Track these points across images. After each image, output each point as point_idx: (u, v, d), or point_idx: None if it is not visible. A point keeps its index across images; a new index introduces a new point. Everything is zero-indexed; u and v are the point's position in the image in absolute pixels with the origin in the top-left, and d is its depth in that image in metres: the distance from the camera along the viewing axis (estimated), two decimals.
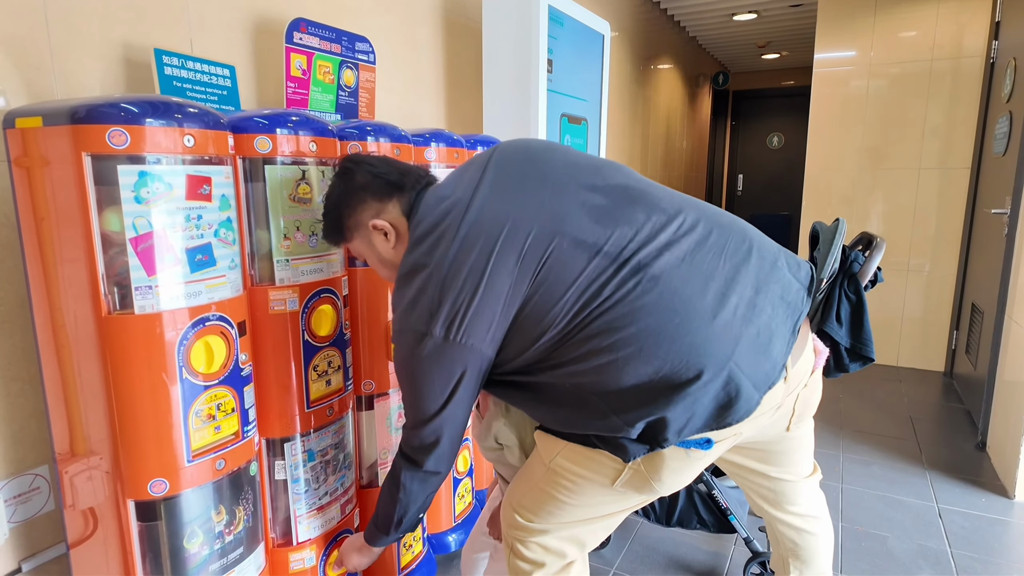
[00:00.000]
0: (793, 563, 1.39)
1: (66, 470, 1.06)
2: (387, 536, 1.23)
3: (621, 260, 0.98)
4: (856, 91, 3.70)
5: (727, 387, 0.96)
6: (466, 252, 0.99)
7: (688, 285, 0.97)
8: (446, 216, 1.03)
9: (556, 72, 2.31)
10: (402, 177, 1.15)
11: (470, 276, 0.98)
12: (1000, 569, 1.83)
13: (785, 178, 7.02)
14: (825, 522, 1.39)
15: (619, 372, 0.96)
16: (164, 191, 0.96)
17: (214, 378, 1.06)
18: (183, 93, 1.28)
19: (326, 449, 1.35)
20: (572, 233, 0.99)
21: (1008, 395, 2.37)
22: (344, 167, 1.17)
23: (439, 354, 1.00)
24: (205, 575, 1.09)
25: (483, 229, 1.00)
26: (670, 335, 0.95)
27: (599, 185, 1.05)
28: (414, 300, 1.01)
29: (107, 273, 0.96)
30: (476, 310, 0.98)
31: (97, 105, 0.92)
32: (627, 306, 0.96)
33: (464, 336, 0.99)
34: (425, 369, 1.03)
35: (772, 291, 1.03)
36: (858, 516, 2.11)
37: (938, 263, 3.59)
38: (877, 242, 1.32)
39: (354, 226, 1.16)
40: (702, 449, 1.03)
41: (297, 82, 1.53)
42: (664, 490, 1.09)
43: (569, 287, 0.97)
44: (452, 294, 0.98)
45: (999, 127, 2.88)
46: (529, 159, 1.08)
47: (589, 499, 1.12)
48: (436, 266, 1.00)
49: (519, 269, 0.98)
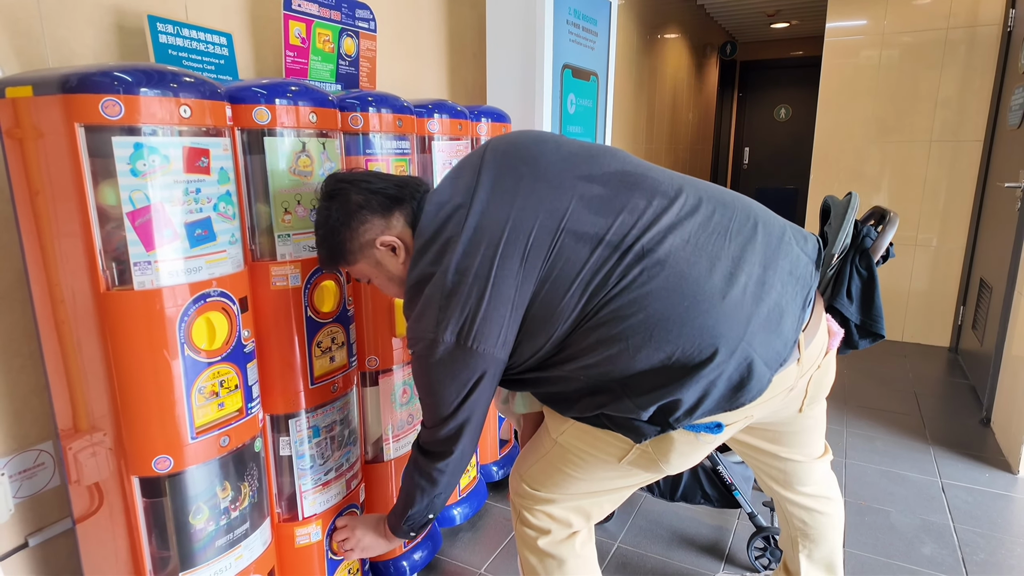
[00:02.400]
0: (803, 542, 1.38)
1: (70, 446, 1.06)
2: (399, 527, 1.24)
3: (624, 248, 0.96)
4: (867, 61, 3.61)
5: (740, 367, 0.95)
6: (470, 258, 0.98)
7: (695, 267, 0.96)
8: (447, 223, 1.01)
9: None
10: (400, 189, 1.12)
11: (476, 282, 0.97)
12: (1003, 543, 1.84)
13: (793, 151, 6.91)
14: (836, 503, 1.38)
15: (631, 359, 0.95)
16: (161, 163, 0.94)
17: (216, 355, 1.05)
18: (179, 62, 1.24)
19: (331, 425, 1.34)
20: (573, 227, 0.98)
21: (1015, 370, 2.35)
22: (334, 188, 1.12)
23: (452, 360, 1.00)
24: (211, 550, 1.09)
25: (484, 234, 0.98)
26: (680, 319, 0.94)
27: (596, 174, 1.03)
28: (423, 309, 1.01)
29: (104, 248, 0.94)
30: (485, 316, 0.97)
31: (89, 74, 0.89)
32: (633, 293, 0.95)
33: (475, 342, 0.98)
34: (439, 375, 1.03)
35: (781, 267, 1.01)
36: (861, 491, 2.12)
37: (946, 238, 3.55)
38: (890, 217, 1.29)
39: (358, 248, 1.12)
40: (712, 433, 1.03)
41: (296, 51, 1.48)
42: (670, 471, 1.10)
43: (574, 281, 0.96)
44: (460, 300, 0.97)
45: (1015, 98, 2.81)
46: (522, 157, 1.06)
47: (595, 474, 1.13)
48: (442, 273, 0.99)
49: (523, 271, 0.97)
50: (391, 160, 1.43)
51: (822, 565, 1.40)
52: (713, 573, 1.69)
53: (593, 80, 2.54)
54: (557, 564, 1.19)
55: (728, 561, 1.77)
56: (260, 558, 1.19)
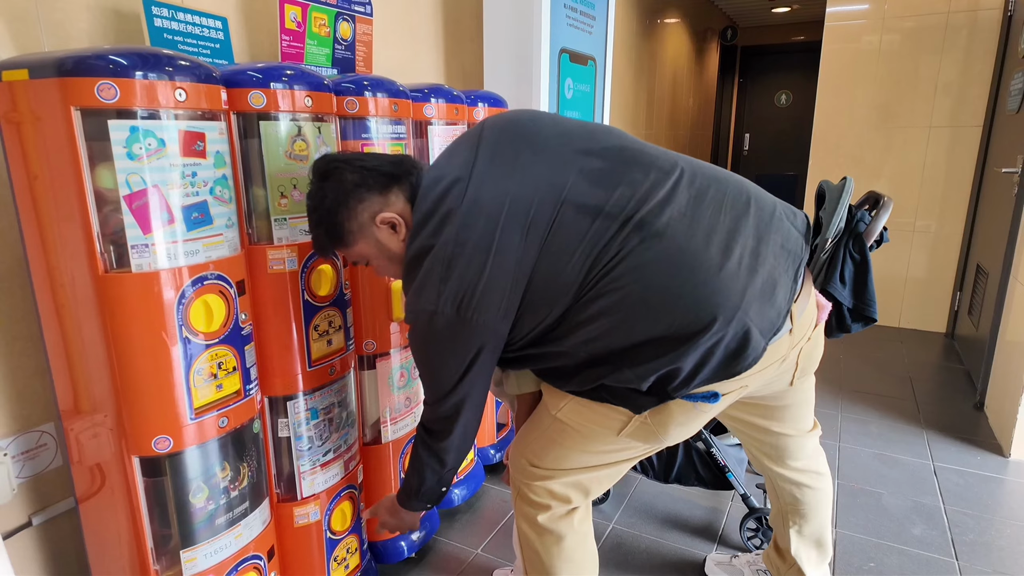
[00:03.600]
0: (792, 518, 1.41)
1: (71, 427, 1.08)
2: (410, 502, 1.26)
3: (623, 219, 0.97)
4: (868, 46, 3.59)
5: (737, 335, 0.97)
6: (470, 230, 0.98)
7: (692, 240, 0.97)
8: (445, 196, 1.01)
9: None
10: (396, 166, 1.10)
11: (476, 254, 0.97)
12: (992, 524, 1.87)
13: (793, 137, 6.88)
14: (825, 478, 1.41)
15: (631, 330, 0.97)
16: (157, 147, 0.94)
17: (214, 337, 1.06)
18: (174, 46, 1.24)
19: (329, 407, 1.36)
20: (574, 199, 0.98)
21: (1009, 355, 2.37)
22: (328, 168, 1.09)
23: (451, 332, 1.00)
24: (211, 529, 1.11)
25: (484, 206, 0.98)
26: (678, 289, 0.96)
27: (594, 149, 1.04)
28: (423, 282, 1.00)
29: (102, 231, 0.95)
30: (485, 287, 0.97)
31: (85, 57, 0.89)
32: (633, 263, 0.96)
33: (475, 314, 0.98)
34: (438, 349, 1.03)
35: (773, 240, 1.03)
36: (854, 474, 2.15)
37: (944, 223, 3.55)
38: (884, 201, 1.30)
39: (357, 228, 1.09)
40: (709, 403, 1.05)
41: (292, 35, 1.48)
42: (668, 441, 1.12)
43: (575, 251, 0.97)
44: (460, 272, 0.97)
45: (1014, 83, 2.80)
46: (520, 133, 1.06)
47: (594, 447, 1.15)
48: (442, 246, 0.98)
49: (525, 242, 0.98)
50: (387, 144, 1.43)
51: (812, 541, 1.42)
52: (706, 553, 1.72)
53: (591, 65, 2.53)
54: (555, 540, 1.21)
55: (721, 542, 1.80)
56: (259, 537, 1.21)
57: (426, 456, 1.18)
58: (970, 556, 1.73)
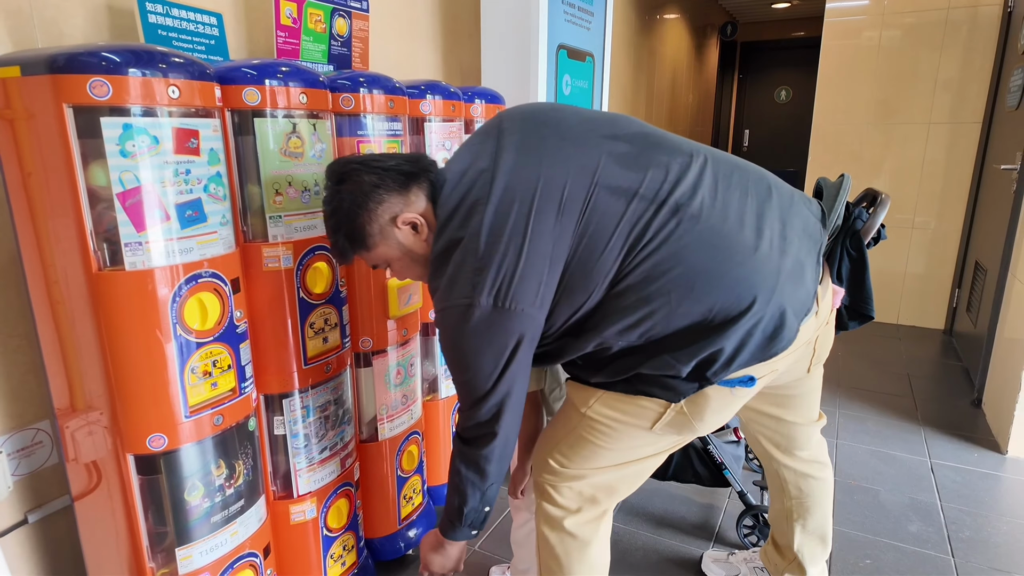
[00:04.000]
0: (797, 512, 1.41)
1: (66, 425, 1.07)
2: (454, 529, 1.15)
3: (659, 202, 0.97)
4: (868, 42, 3.58)
5: (774, 316, 0.98)
6: (503, 216, 0.96)
7: (726, 222, 0.99)
8: (472, 187, 0.99)
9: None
10: (414, 164, 1.07)
11: (512, 240, 0.95)
12: (988, 521, 1.87)
13: (793, 133, 6.86)
14: (828, 468, 1.42)
15: (672, 314, 0.97)
16: (150, 144, 0.94)
17: (209, 335, 1.06)
18: (168, 42, 1.23)
19: (325, 405, 1.36)
20: (606, 182, 0.97)
21: (1007, 352, 2.37)
22: (345, 170, 1.06)
23: (488, 324, 0.96)
24: (207, 526, 1.11)
25: (516, 192, 0.96)
26: (718, 271, 0.96)
27: (619, 134, 1.04)
28: (454, 275, 0.97)
29: (95, 229, 0.95)
30: (522, 274, 0.95)
31: (77, 54, 0.89)
32: (671, 247, 0.96)
33: (513, 302, 0.95)
34: (475, 344, 0.98)
35: (795, 225, 1.05)
36: (852, 471, 2.15)
37: (943, 220, 3.55)
38: (882, 198, 1.29)
39: (377, 231, 1.06)
40: (745, 387, 1.05)
41: (287, 31, 1.47)
42: (704, 430, 1.10)
43: (612, 234, 0.96)
44: (495, 261, 0.94)
45: (1014, 79, 2.80)
46: (542, 121, 1.06)
47: (626, 443, 1.12)
48: (472, 236, 0.96)
49: (560, 225, 0.96)
50: (383, 141, 1.43)
51: (816, 536, 1.43)
52: (703, 550, 1.72)
53: (589, 61, 2.52)
54: (580, 545, 1.18)
55: (717, 539, 1.80)
56: (255, 534, 1.21)
57: (466, 470, 1.09)
58: (966, 553, 1.73)
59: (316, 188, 1.26)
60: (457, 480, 1.11)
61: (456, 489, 1.12)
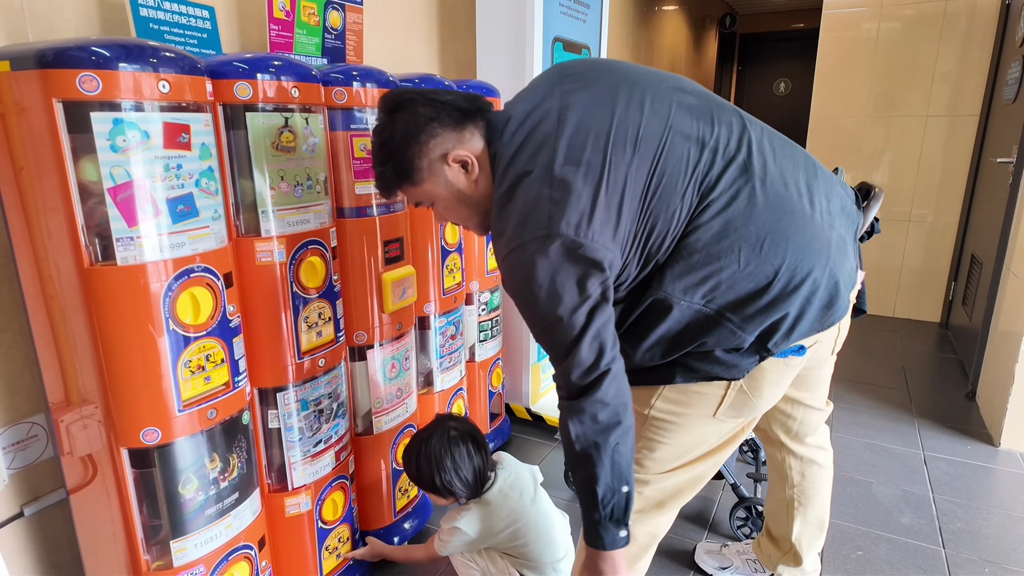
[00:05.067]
0: (799, 500, 1.41)
1: (61, 419, 1.08)
2: (600, 532, 0.96)
3: (728, 157, 0.97)
4: (866, 34, 3.57)
5: (829, 285, 0.99)
6: (578, 149, 0.92)
7: (787, 188, 0.99)
8: (540, 123, 0.95)
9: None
10: (471, 102, 1.03)
11: (589, 172, 0.91)
12: (979, 513, 1.88)
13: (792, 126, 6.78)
14: (830, 454, 1.43)
15: (737, 275, 0.95)
16: (141, 139, 0.94)
17: (202, 329, 1.06)
18: (160, 36, 1.23)
19: (319, 399, 1.36)
20: (679, 127, 0.96)
21: (1001, 345, 2.38)
22: (400, 100, 1.02)
23: (569, 257, 0.89)
24: (202, 519, 1.12)
25: (590, 127, 0.93)
26: (784, 234, 0.96)
27: (685, 88, 1.03)
28: (526, 210, 0.91)
29: (87, 224, 0.95)
30: (602, 205, 0.90)
31: (66, 48, 0.88)
32: (741, 204, 0.95)
33: (592, 234, 0.90)
34: (558, 280, 0.90)
35: (836, 202, 1.06)
36: (845, 463, 2.16)
37: (940, 213, 3.55)
38: (875, 193, 1.30)
39: (427, 166, 1.02)
40: (798, 356, 1.06)
41: (280, 24, 1.47)
42: (762, 406, 1.10)
43: (687, 181, 0.95)
44: (573, 191, 0.90)
45: (1011, 72, 2.79)
46: (607, 68, 1.04)
47: (692, 436, 1.11)
48: (544, 168, 0.92)
49: (636, 162, 0.93)
50: None
51: (815, 525, 1.44)
52: (696, 542, 1.73)
53: (585, 53, 2.51)
54: (638, 552, 1.17)
55: (711, 530, 1.81)
56: (250, 527, 1.22)
57: (581, 434, 0.93)
58: (957, 544, 1.74)
59: (309, 183, 1.26)
60: (579, 459, 0.94)
61: (584, 472, 0.95)
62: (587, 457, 0.93)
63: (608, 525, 0.96)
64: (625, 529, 0.97)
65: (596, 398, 0.92)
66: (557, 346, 0.94)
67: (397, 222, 1.52)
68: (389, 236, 1.49)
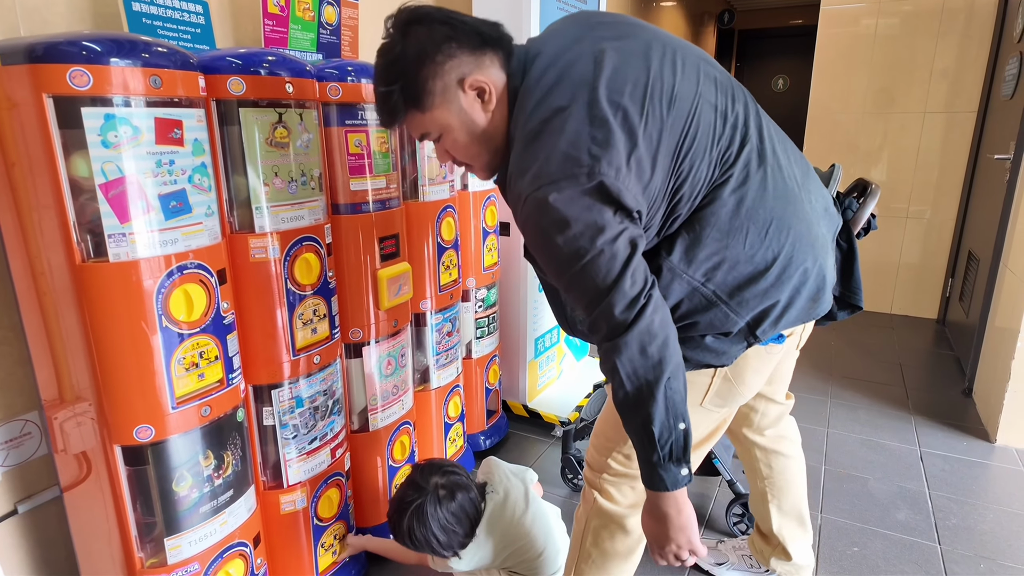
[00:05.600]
0: (771, 492, 1.44)
1: (55, 416, 1.07)
2: (657, 469, 0.91)
3: (743, 138, 0.97)
4: (865, 30, 3.56)
5: (818, 278, 1.01)
6: (617, 95, 0.87)
7: (791, 178, 1.00)
8: (575, 64, 0.90)
9: None
10: (493, 28, 0.96)
11: (627, 121, 0.86)
12: (975, 509, 1.89)
13: (790, 123, 6.74)
14: (796, 444, 1.45)
15: (739, 257, 0.95)
16: (132, 135, 0.93)
17: (195, 326, 1.06)
18: (153, 31, 1.22)
19: (314, 396, 1.36)
20: (706, 96, 0.95)
21: (997, 341, 2.38)
22: (414, 16, 0.93)
23: (606, 200, 0.85)
24: (196, 517, 1.12)
25: (627, 76, 0.88)
26: (787, 223, 0.97)
27: (708, 60, 1.02)
28: (563, 146, 0.85)
29: (78, 220, 0.94)
30: (635, 159, 0.86)
31: (56, 43, 0.88)
32: (755, 186, 0.96)
33: (629, 180, 0.86)
34: (595, 213, 0.84)
35: (820, 203, 1.08)
36: (841, 459, 2.16)
37: (938, 210, 3.55)
38: (871, 189, 1.29)
39: (440, 90, 0.93)
40: (778, 344, 1.08)
41: (275, 19, 1.46)
42: (746, 394, 1.11)
43: (712, 150, 0.94)
44: (615, 135, 0.85)
45: (1009, 69, 2.79)
46: (636, 23, 1.00)
47: None
48: (587, 107, 0.86)
49: (671, 120, 0.90)
50: (372, 131, 1.42)
51: (793, 517, 1.45)
52: None
53: None
54: (633, 543, 1.18)
55: (708, 526, 1.82)
56: (245, 524, 1.22)
57: (630, 368, 0.87)
58: (952, 540, 1.75)
59: (303, 179, 1.25)
60: (629, 406, 0.89)
61: (637, 418, 0.89)
62: (640, 398, 0.88)
63: (668, 465, 0.90)
64: (686, 467, 0.91)
65: (642, 327, 0.86)
66: (596, 282, 0.87)
67: (393, 218, 1.51)
68: (385, 232, 1.49)
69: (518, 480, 1.50)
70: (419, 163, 1.66)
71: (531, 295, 2.25)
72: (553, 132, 0.86)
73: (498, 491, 1.45)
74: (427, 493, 1.34)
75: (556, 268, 0.90)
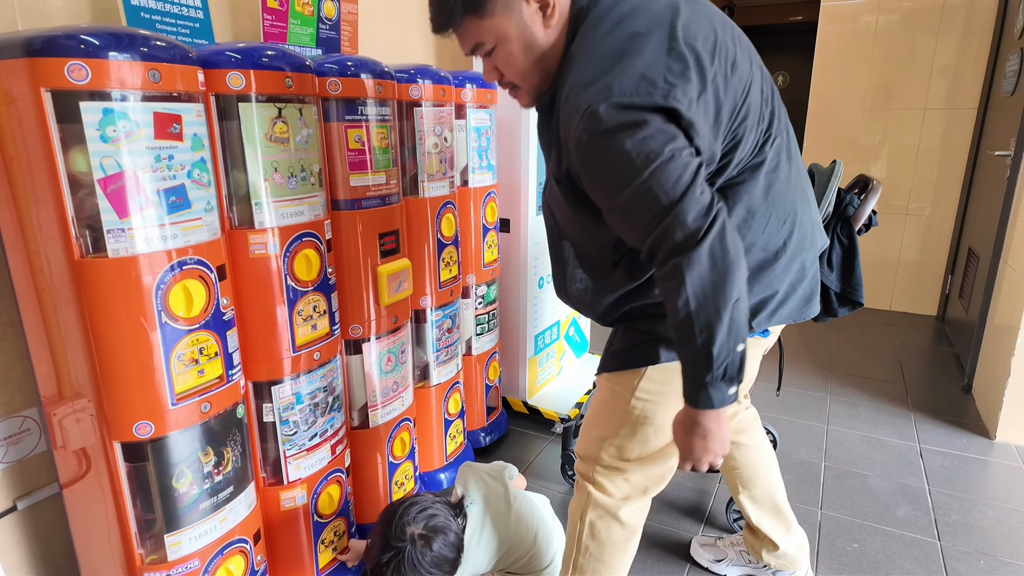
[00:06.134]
0: (741, 485, 1.46)
1: (54, 412, 1.07)
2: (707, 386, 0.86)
3: (776, 131, 1.00)
4: (865, 27, 3.55)
5: (813, 280, 1.05)
6: (692, 39, 0.85)
7: (805, 181, 1.06)
8: (649, 4, 0.87)
9: None
10: None
11: (700, 66, 0.84)
12: (975, 505, 1.89)
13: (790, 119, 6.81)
14: (756, 436, 1.46)
15: (759, 239, 0.98)
16: (131, 129, 0.93)
17: (195, 322, 1.05)
18: (152, 25, 1.21)
19: (314, 392, 1.36)
20: (755, 78, 0.97)
21: (997, 338, 2.38)
22: None
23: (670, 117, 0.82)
24: (196, 513, 1.11)
25: (699, 32, 0.86)
26: (799, 217, 1.01)
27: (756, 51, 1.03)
28: (641, 67, 0.81)
29: (77, 216, 0.94)
30: (702, 97, 0.84)
31: (54, 37, 0.87)
32: (783, 174, 0.99)
33: (694, 114, 0.83)
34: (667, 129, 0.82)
35: (816, 214, 1.11)
36: (841, 456, 2.16)
37: (938, 207, 3.55)
38: (873, 185, 1.29)
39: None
40: (763, 337, 1.12)
41: (274, 14, 1.45)
42: (746, 382, 1.16)
43: (757, 126, 0.96)
44: (691, 71, 0.83)
45: (1009, 65, 2.78)
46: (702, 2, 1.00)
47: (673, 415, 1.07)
48: (667, 39, 0.83)
49: (732, 84, 0.89)
50: (372, 126, 1.41)
51: (768, 507, 1.45)
52: (692, 535, 1.73)
53: None
54: (628, 535, 1.19)
55: (707, 523, 1.82)
56: (245, 520, 1.22)
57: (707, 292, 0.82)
58: (952, 537, 1.75)
59: (303, 174, 1.25)
60: (690, 326, 0.84)
61: (699, 338, 0.84)
62: (706, 318, 0.83)
63: (720, 384, 0.87)
64: (735, 386, 0.88)
65: (715, 239, 0.82)
66: (666, 190, 0.81)
67: (393, 215, 1.51)
68: (385, 229, 1.48)
69: (496, 482, 1.47)
70: (419, 159, 1.65)
71: (531, 292, 2.24)
72: (629, 52, 0.82)
73: (476, 501, 1.41)
74: (405, 548, 1.24)
75: (619, 181, 0.84)
